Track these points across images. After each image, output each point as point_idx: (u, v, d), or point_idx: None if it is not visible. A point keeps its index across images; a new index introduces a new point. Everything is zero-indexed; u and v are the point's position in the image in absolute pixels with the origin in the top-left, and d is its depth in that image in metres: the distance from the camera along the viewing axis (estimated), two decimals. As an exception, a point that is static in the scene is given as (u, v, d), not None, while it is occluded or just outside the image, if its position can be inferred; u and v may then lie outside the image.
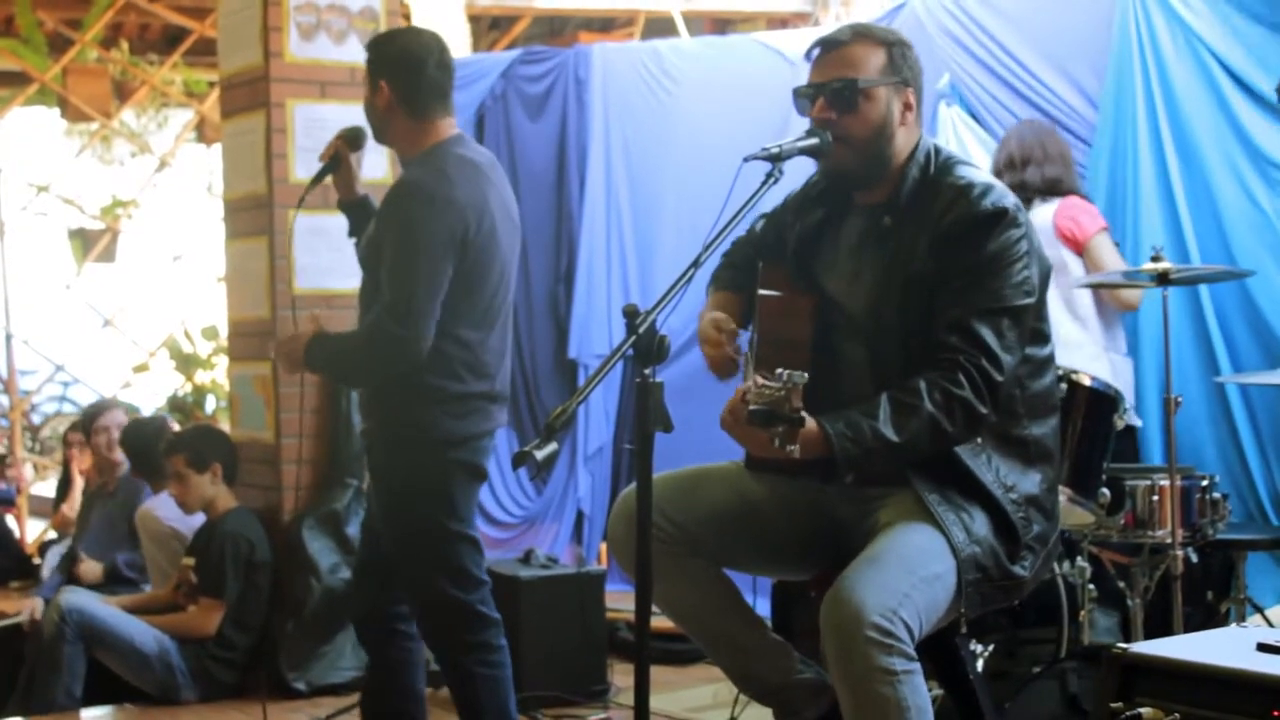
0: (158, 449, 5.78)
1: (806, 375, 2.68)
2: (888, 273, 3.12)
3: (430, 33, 4.24)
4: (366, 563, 4.31)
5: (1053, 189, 5.25)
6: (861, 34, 3.20)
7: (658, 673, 2.92)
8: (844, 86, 3.13)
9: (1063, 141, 5.42)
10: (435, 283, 3.90)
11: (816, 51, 3.21)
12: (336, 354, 4.05)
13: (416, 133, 4.07)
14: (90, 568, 6.04)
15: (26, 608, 5.73)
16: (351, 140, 4.23)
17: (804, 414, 2.68)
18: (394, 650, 4.25)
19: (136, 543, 6.04)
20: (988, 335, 2.99)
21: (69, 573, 6.21)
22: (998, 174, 5.25)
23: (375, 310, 3.93)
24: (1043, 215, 5.18)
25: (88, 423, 6.32)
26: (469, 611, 4.04)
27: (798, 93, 3.21)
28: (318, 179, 4.30)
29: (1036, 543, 3.11)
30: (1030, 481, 3.13)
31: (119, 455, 6.20)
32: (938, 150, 3.20)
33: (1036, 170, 5.26)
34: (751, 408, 2.68)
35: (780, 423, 2.66)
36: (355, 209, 4.30)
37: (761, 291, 3.23)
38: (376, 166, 5.93)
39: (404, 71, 4.04)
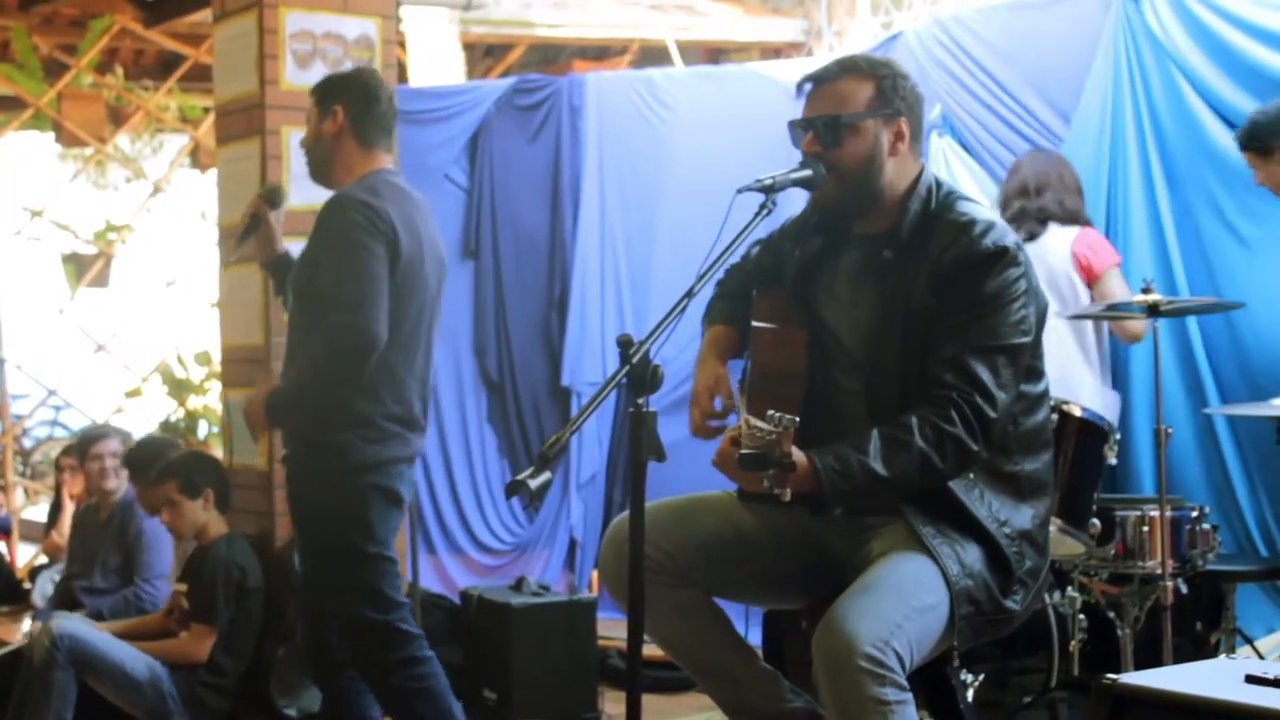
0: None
1: (798, 420, 2.70)
2: (886, 306, 3.14)
3: (380, 75, 4.44)
4: (307, 597, 4.33)
5: (1072, 218, 5.25)
6: (849, 68, 3.23)
7: (649, 701, 2.93)
8: (830, 121, 3.16)
9: (1075, 173, 5.38)
10: (377, 273, 3.99)
11: (808, 87, 3.25)
12: (298, 385, 4.08)
13: (359, 160, 4.21)
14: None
15: (25, 632, 5.70)
16: (270, 198, 4.32)
17: (794, 458, 2.70)
18: (343, 680, 4.32)
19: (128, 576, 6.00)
20: (983, 372, 3.01)
21: (61, 600, 6.18)
22: (1008, 201, 5.27)
23: (328, 310, 4.00)
24: (1061, 239, 5.20)
25: (82, 450, 6.27)
26: (390, 630, 4.10)
27: (792, 125, 3.24)
28: (246, 235, 4.43)
29: (1028, 577, 3.12)
30: (1023, 516, 3.14)
31: (112, 484, 6.17)
32: (939, 184, 3.22)
33: (1055, 197, 5.24)
34: (742, 452, 2.71)
35: (770, 467, 2.68)
36: (278, 267, 4.35)
37: (756, 324, 3.25)
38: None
39: (361, 100, 4.22)
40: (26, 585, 7.64)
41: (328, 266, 4.03)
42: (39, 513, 9.83)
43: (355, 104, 4.20)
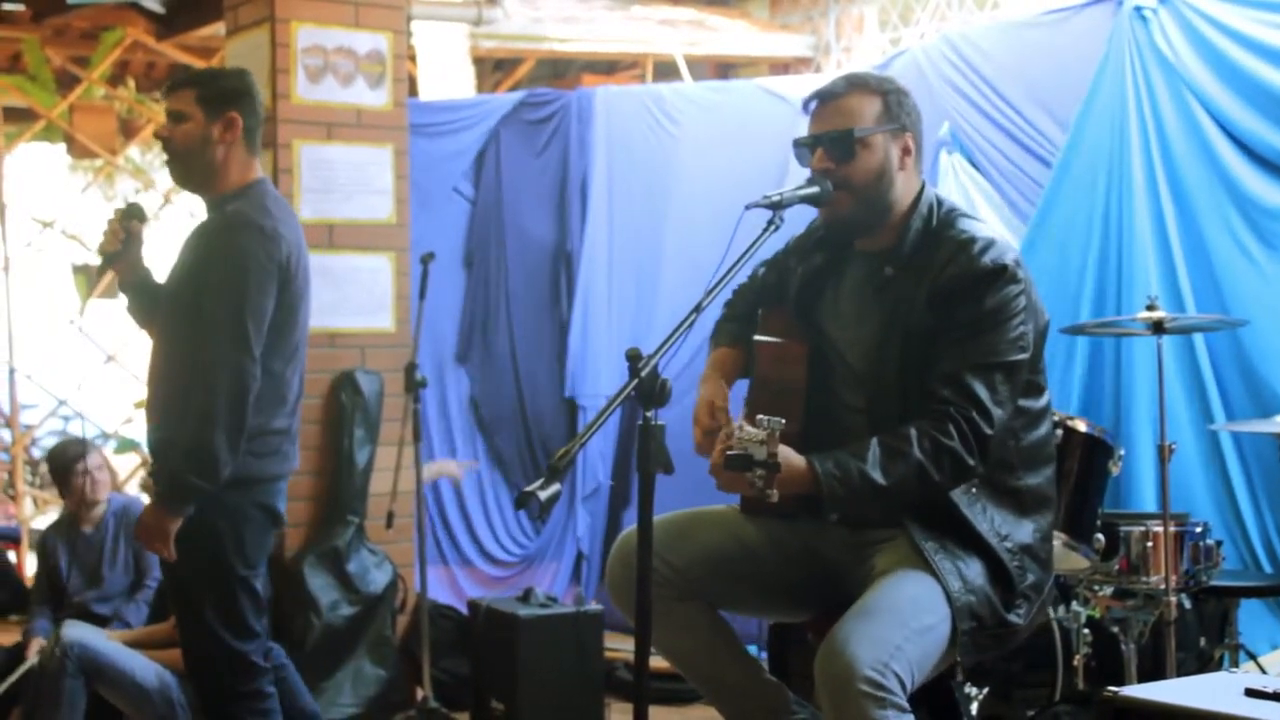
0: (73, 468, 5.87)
1: (784, 421, 2.74)
2: (887, 323, 3.17)
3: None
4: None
5: None
6: (856, 84, 3.26)
7: (656, 713, 2.94)
8: (841, 136, 3.18)
9: None
10: (265, 310, 3.90)
11: (815, 104, 3.27)
12: (191, 454, 3.83)
13: (245, 167, 4.09)
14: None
15: (31, 650, 5.69)
16: (141, 216, 4.28)
17: (780, 459, 2.73)
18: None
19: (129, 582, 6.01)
20: (980, 389, 3.03)
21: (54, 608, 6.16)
22: None
23: (211, 344, 3.85)
24: None
25: (67, 466, 6.15)
26: (242, 660, 4.00)
27: (797, 144, 3.26)
28: (115, 259, 4.28)
29: (1031, 591, 3.15)
30: (1024, 531, 3.17)
31: (104, 494, 6.14)
32: (940, 202, 3.25)
33: None
34: (728, 452, 2.74)
35: (756, 466, 2.71)
36: (140, 289, 4.26)
37: (758, 338, 3.28)
38: (380, 208, 5.99)
39: (252, 107, 4.10)
40: (36, 594, 7.64)
41: (217, 294, 3.90)
42: (48, 522, 9.84)
43: (250, 112, 4.08)
